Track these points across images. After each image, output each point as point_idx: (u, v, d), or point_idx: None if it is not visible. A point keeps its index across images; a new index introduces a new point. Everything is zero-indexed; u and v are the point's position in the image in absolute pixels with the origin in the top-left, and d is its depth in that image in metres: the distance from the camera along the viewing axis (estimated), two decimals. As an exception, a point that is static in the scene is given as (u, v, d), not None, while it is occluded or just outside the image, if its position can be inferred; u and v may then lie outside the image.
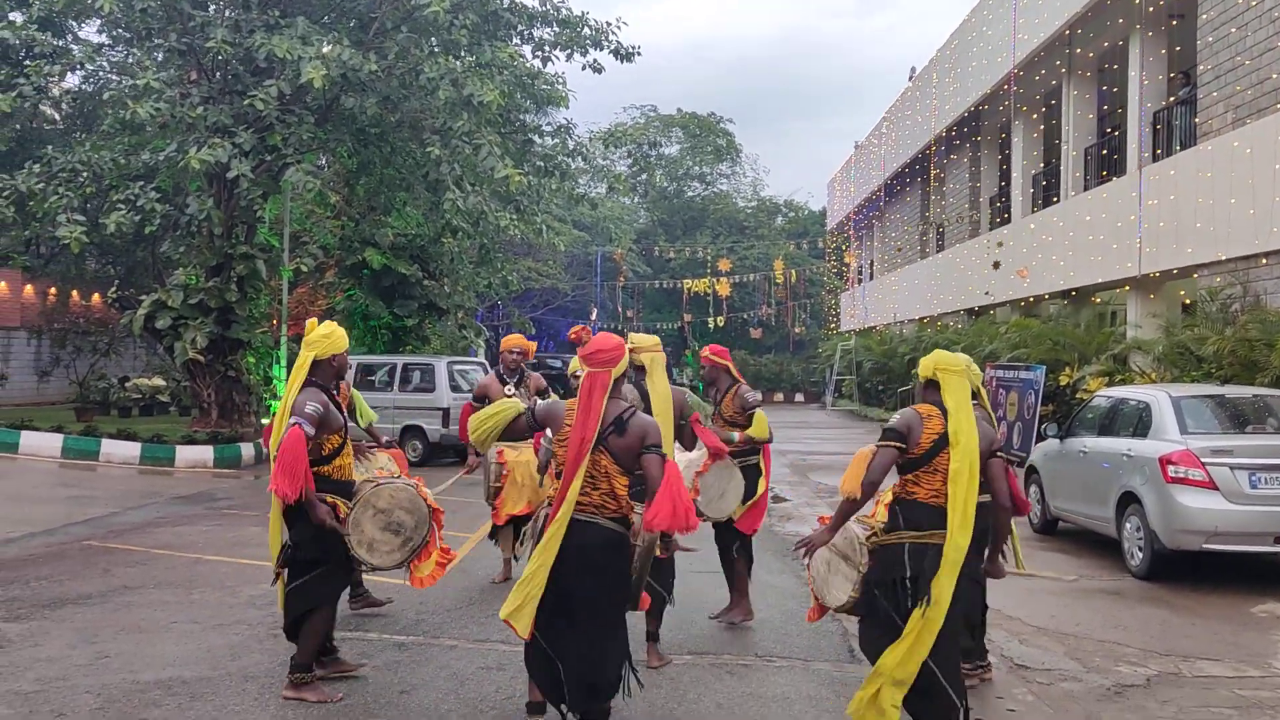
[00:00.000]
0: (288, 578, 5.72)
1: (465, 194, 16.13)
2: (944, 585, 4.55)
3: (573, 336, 7.89)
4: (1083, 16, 18.31)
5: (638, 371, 6.58)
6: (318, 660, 5.80)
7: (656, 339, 6.72)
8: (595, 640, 4.68)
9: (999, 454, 4.88)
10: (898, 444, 4.70)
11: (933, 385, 4.85)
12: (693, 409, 6.95)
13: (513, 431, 5.07)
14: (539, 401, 6.65)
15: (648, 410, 6.33)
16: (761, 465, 7.41)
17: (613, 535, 4.68)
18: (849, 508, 4.78)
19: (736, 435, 7.14)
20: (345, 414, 5.96)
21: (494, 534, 8.30)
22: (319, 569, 5.64)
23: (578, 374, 6.66)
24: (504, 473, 8.11)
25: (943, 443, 4.66)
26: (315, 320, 5.78)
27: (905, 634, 4.58)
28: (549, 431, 5.08)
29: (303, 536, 5.59)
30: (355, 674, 5.96)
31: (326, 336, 5.66)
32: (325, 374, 5.71)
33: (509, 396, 7.99)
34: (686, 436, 6.74)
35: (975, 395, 6.10)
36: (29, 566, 8.91)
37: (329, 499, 5.59)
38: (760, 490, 7.35)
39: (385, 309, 22.29)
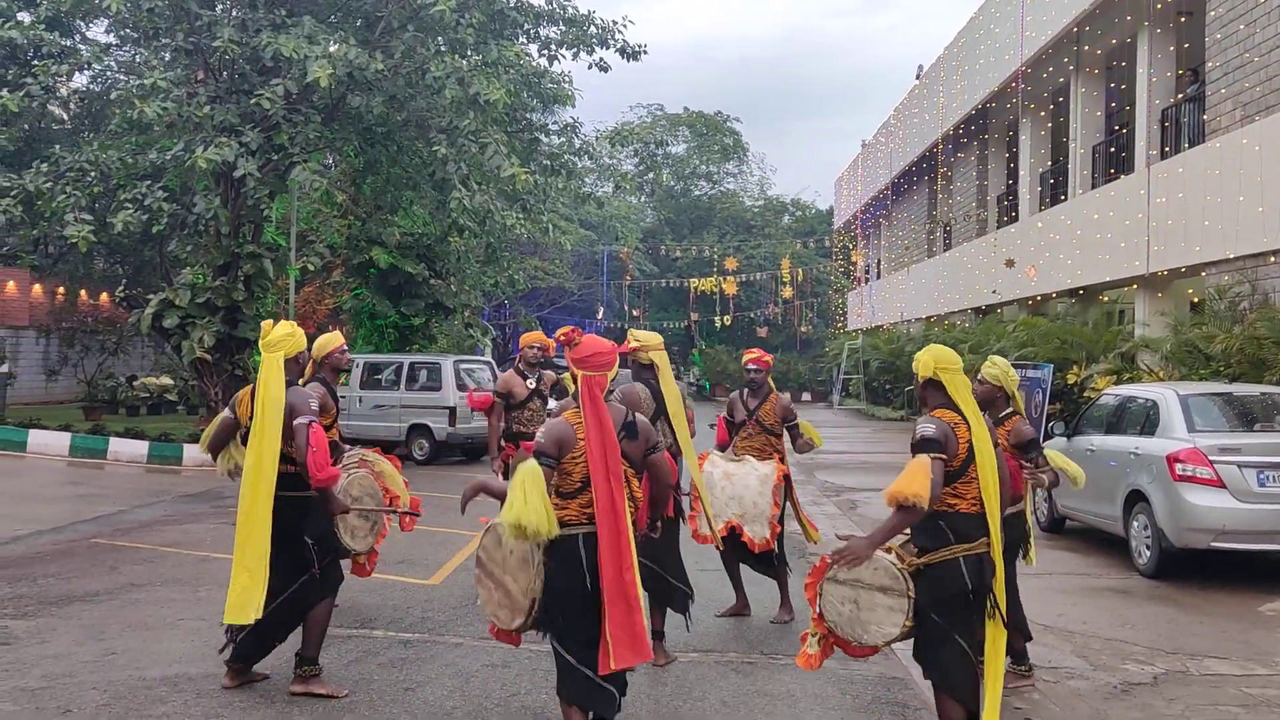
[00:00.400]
0: (285, 580, 5.60)
1: (472, 193, 16.13)
2: (999, 593, 4.50)
3: (561, 338, 7.92)
4: (1091, 14, 18.25)
5: (645, 370, 6.56)
6: (299, 674, 5.71)
7: (660, 336, 6.70)
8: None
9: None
10: (943, 455, 4.41)
11: (935, 386, 4.63)
12: (690, 407, 6.99)
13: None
14: (553, 406, 6.68)
15: (662, 410, 6.32)
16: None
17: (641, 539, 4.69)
18: (906, 519, 4.37)
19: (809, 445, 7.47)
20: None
21: None
22: (325, 561, 5.74)
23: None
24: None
25: (973, 451, 4.49)
26: (270, 322, 5.82)
27: (988, 655, 4.49)
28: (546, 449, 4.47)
29: (321, 531, 5.75)
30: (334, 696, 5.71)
31: (290, 335, 5.72)
32: (293, 371, 5.79)
33: (530, 388, 8.06)
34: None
35: (1010, 399, 6.09)
36: (36, 564, 8.94)
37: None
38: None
39: (392, 308, 22.32)
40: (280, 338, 5.66)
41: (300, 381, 6.09)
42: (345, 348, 6.74)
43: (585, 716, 4.46)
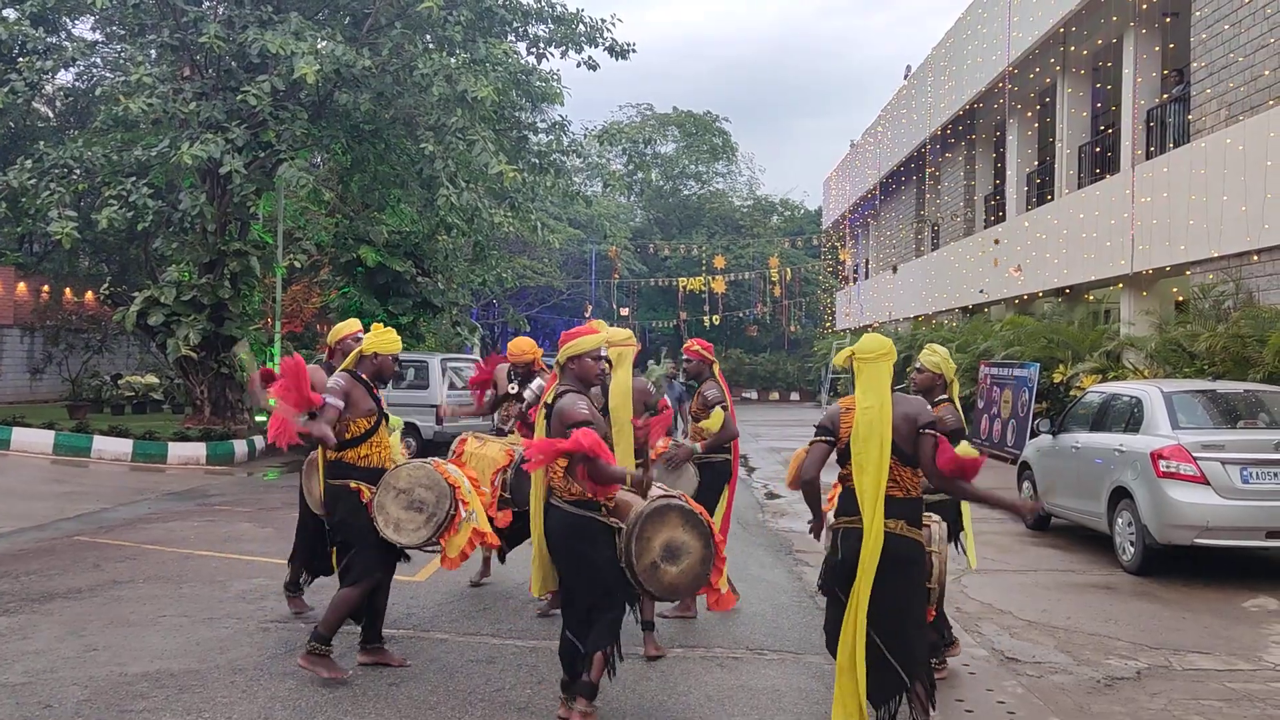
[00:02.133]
0: (336, 558, 6.08)
1: (459, 190, 16.10)
2: (867, 565, 4.58)
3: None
4: (1077, 14, 18.31)
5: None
6: (361, 648, 6.05)
7: (629, 333, 6.66)
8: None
9: (927, 430, 4.69)
10: (825, 438, 4.79)
11: (854, 373, 4.82)
12: (657, 398, 6.96)
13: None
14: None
15: (607, 405, 6.27)
16: (730, 462, 7.35)
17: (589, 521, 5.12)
18: (804, 493, 4.95)
19: (699, 445, 7.14)
20: (380, 407, 6.11)
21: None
22: (354, 550, 5.85)
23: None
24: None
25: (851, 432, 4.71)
26: (380, 324, 6.20)
27: (841, 643, 4.68)
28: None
29: (338, 519, 5.91)
30: (404, 665, 6.06)
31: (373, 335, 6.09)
32: (366, 368, 6.03)
33: (512, 392, 8.00)
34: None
35: (947, 386, 6.16)
36: (18, 561, 8.88)
37: (353, 484, 5.85)
38: (727, 484, 7.34)
39: (380, 306, 22.26)
40: (373, 337, 6.11)
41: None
42: (360, 334, 6.77)
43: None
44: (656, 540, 5.06)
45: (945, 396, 6.18)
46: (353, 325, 6.96)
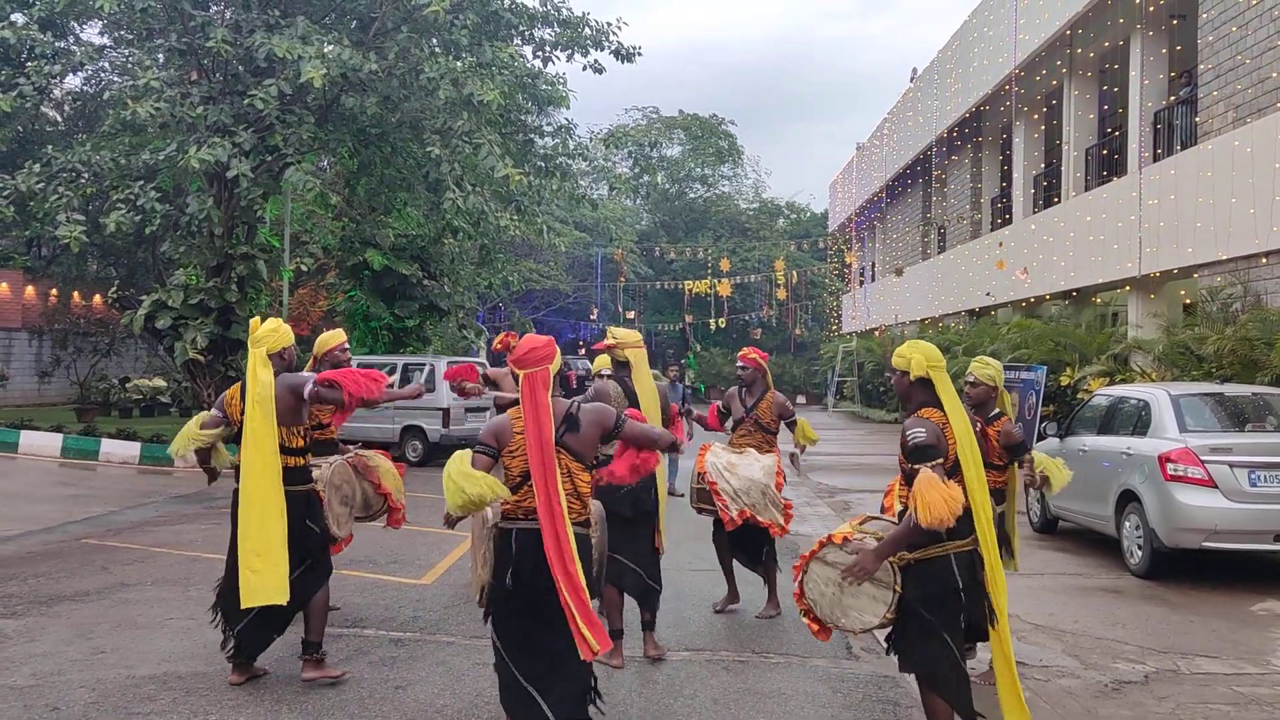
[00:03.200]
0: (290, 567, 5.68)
1: (465, 194, 16.11)
2: (995, 593, 4.47)
3: (498, 346, 8.02)
4: (1083, 16, 18.29)
5: (621, 367, 6.63)
6: (306, 659, 5.89)
7: (638, 334, 6.74)
8: (572, 650, 4.25)
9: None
10: (941, 460, 4.37)
11: (924, 384, 4.55)
12: (670, 402, 7.02)
13: None
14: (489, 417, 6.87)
15: (634, 406, 6.36)
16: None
17: (582, 538, 4.40)
18: (917, 537, 4.33)
19: (799, 451, 7.53)
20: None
21: None
22: (315, 550, 5.89)
23: (603, 373, 6.71)
24: None
25: (959, 449, 4.49)
26: (257, 320, 5.87)
27: (995, 659, 4.54)
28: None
29: (324, 522, 6.08)
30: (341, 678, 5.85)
31: (274, 330, 5.77)
32: (278, 367, 5.81)
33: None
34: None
35: (998, 399, 6.16)
36: (27, 564, 8.91)
37: (314, 487, 6.03)
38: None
39: (386, 309, 22.30)
40: (265, 333, 5.73)
41: None
42: (346, 345, 6.82)
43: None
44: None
45: (999, 410, 6.18)
46: (338, 336, 7.04)
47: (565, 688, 4.28)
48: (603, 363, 6.89)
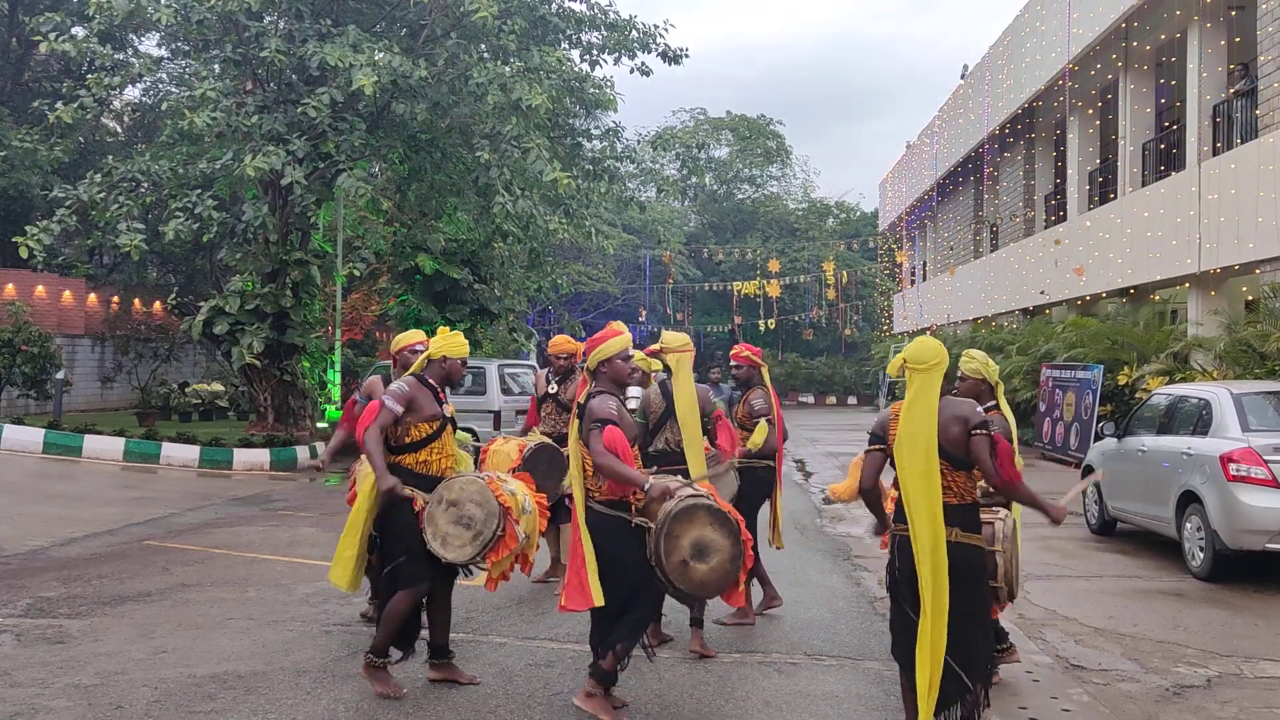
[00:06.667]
0: (381, 564, 5.94)
1: (515, 198, 16.23)
2: (924, 573, 4.44)
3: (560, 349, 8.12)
4: (1139, 9, 17.96)
5: (664, 372, 6.63)
6: (430, 663, 5.90)
7: (686, 338, 6.64)
8: None
9: (979, 432, 4.57)
10: (878, 447, 4.74)
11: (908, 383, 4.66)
12: (714, 406, 6.91)
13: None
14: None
15: (671, 409, 6.40)
16: (773, 469, 7.33)
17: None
18: (866, 503, 4.94)
19: (736, 459, 7.00)
20: (445, 413, 5.90)
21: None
22: (402, 558, 5.66)
23: (654, 374, 6.75)
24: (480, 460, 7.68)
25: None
26: (446, 327, 6.12)
27: (918, 650, 4.52)
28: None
29: (389, 525, 5.74)
30: (472, 682, 5.83)
31: (444, 339, 6.02)
32: (434, 372, 5.93)
33: (550, 394, 8.13)
34: (711, 434, 6.75)
35: (993, 390, 6.00)
36: (91, 565, 9.11)
37: (409, 490, 5.61)
38: (772, 493, 7.37)
39: (437, 313, 22.49)
40: (440, 341, 6.06)
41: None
42: (416, 346, 6.75)
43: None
44: (685, 539, 5.10)
45: (993, 403, 6.06)
46: (414, 335, 6.89)
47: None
48: (651, 364, 6.86)
